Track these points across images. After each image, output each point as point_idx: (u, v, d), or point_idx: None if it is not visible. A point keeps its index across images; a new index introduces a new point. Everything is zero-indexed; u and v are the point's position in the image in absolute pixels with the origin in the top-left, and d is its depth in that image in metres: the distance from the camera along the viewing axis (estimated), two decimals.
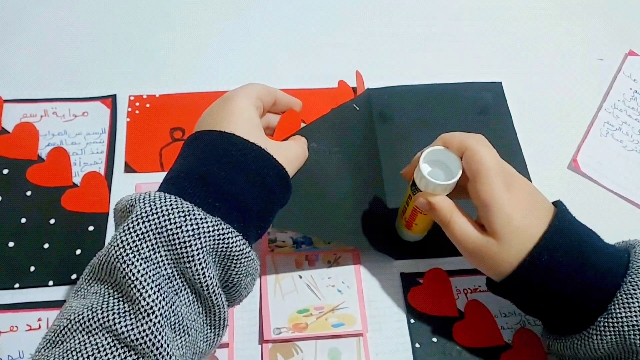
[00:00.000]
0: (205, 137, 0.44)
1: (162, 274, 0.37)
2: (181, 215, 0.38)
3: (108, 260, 0.37)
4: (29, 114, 0.62)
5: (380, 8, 0.75)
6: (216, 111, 0.45)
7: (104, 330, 0.35)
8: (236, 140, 0.43)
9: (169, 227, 0.37)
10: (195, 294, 0.39)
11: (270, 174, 0.43)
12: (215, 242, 0.39)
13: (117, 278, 0.37)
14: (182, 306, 0.38)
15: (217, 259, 0.40)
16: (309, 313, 0.53)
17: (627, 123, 0.64)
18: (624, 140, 0.64)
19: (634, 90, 0.68)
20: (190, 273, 0.38)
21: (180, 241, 0.37)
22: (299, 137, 0.51)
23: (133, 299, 0.36)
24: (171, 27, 0.71)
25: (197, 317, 0.40)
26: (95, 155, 0.60)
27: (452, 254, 0.56)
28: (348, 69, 0.66)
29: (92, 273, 0.39)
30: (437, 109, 0.66)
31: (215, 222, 0.39)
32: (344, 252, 0.56)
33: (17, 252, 0.55)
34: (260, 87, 0.48)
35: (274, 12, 0.74)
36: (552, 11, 0.72)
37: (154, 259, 0.37)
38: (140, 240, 0.37)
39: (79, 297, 0.38)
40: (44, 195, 0.58)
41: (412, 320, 0.53)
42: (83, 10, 0.72)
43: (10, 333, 0.51)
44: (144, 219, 0.37)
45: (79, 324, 0.36)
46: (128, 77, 0.66)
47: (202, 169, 0.41)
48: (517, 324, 0.53)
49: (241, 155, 0.42)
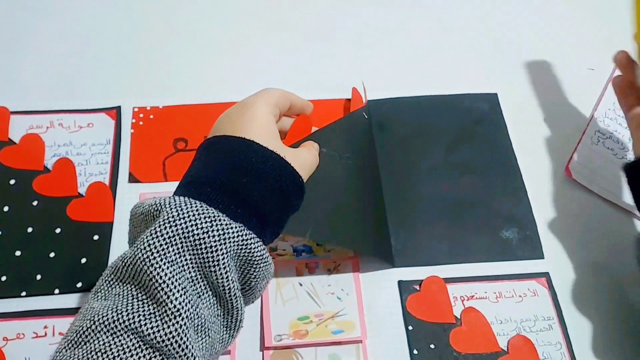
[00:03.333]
0: (225, 142, 0.45)
1: (186, 277, 0.38)
2: (208, 220, 0.39)
3: (134, 262, 0.38)
4: (35, 125, 0.64)
5: (377, 21, 0.76)
6: (235, 117, 0.46)
7: (129, 332, 0.36)
8: (257, 147, 0.44)
9: (195, 232, 0.38)
10: (216, 297, 0.40)
11: (287, 182, 0.44)
12: (238, 247, 0.40)
13: (142, 280, 0.37)
14: (204, 308, 0.39)
15: (239, 263, 0.41)
16: (309, 320, 0.54)
17: (618, 131, 0.65)
18: (615, 148, 0.65)
19: None
20: (214, 277, 0.39)
21: (206, 246, 0.38)
22: (310, 144, 0.52)
23: (159, 301, 0.37)
24: (175, 39, 0.73)
25: (216, 319, 0.41)
26: (100, 165, 0.62)
27: (449, 262, 0.58)
28: (347, 81, 0.67)
29: (114, 274, 0.39)
30: (433, 120, 0.67)
31: (239, 228, 0.40)
32: (344, 260, 0.57)
33: (23, 261, 0.56)
34: (277, 92, 0.49)
35: (277, 25, 0.75)
36: (546, 23, 0.73)
37: (179, 262, 0.38)
38: (167, 244, 0.38)
39: (99, 299, 0.39)
40: (50, 205, 0.59)
41: (410, 327, 0.54)
42: (88, 24, 0.73)
43: (17, 340, 0.52)
44: (171, 223, 0.38)
45: (103, 325, 0.36)
46: (132, 89, 0.68)
47: (224, 176, 0.42)
48: (512, 331, 0.54)
49: (261, 163, 0.43)
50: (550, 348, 0.54)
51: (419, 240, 0.59)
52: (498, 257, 0.59)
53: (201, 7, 0.76)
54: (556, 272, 0.58)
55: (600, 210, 0.62)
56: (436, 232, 0.60)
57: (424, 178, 0.63)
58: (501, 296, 0.56)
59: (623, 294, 0.57)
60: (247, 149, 0.43)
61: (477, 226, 0.60)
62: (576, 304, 0.56)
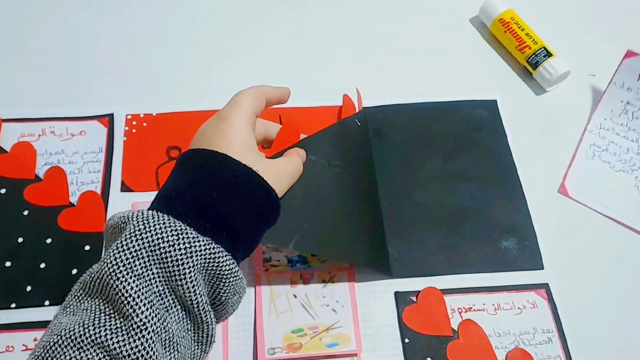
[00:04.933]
0: (199, 156, 0.44)
1: (154, 291, 0.38)
2: (174, 234, 0.38)
3: (100, 277, 0.38)
4: (26, 133, 0.63)
5: (374, 26, 0.75)
6: (210, 131, 0.46)
7: (95, 347, 0.36)
8: (229, 161, 0.43)
9: (161, 245, 0.38)
10: (185, 310, 0.40)
11: (260, 197, 0.44)
12: (206, 260, 0.39)
13: (109, 294, 0.37)
14: (172, 323, 0.39)
15: (207, 277, 0.40)
16: (303, 333, 0.53)
17: (615, 142, 0.63)
18: (612, 161, 0.63)
19: (625, 102, 0.66)
20: (181, 290, 0.39)
21: (172, 259, 0.38)
22: (293, 151, 0.51)
23: (125, 315, 0.36)
24: (168, 45, 0.72)
25: (186, 333, 0.40)
26: (92, 174, 0.61)
27: (447, 272, 0.57)
28: (342, 87, 0.66)
29: (82, 290, 0.39)
30: (431, 127, 0.66)
31: (206, 242, 0.39)
32: (339, 271, 0.56)
33: (13, 272, 0.55)
34: (250, 98, 0.48)
35: (272, 31, 0.74)
36: (546, 28, 0.72)
37: (146, 276, 0.38)
38: (134, 258, 0.37)
39: (67, 314, 0.39)
40: (41, 215, 0.58)
41: (406, 340, 0.53)
42: (80, 30, 0.73)
43: (7, 353, 0.51)
44: (137, 236, 0.38)
45: (70, 340, 0.36)
46: (125, 96, 0.67)
47: (194, 190, 0.42)
48: (511, 344, 0.53)
49: (233, 177, 0.43)
50: None
51: (416, 249, 0.58)
52: (497, 268, 0.58)
53: (194, 14, 0.75)
54: (556, 284, 0.57)
55: (600, 220, 0.61)
56: (434, 241, 0.59)
57: (421, 186, 0.62)
58: (500, 308, 0.55)
59: (624, 307, 0.56)
60: (218, 163, 0.43)
61: (475, 236, 0.59)
62: (576, 317, 0.55)
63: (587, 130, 0.63)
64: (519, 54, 0.70)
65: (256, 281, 0.55)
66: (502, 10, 0.72)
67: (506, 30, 0.71)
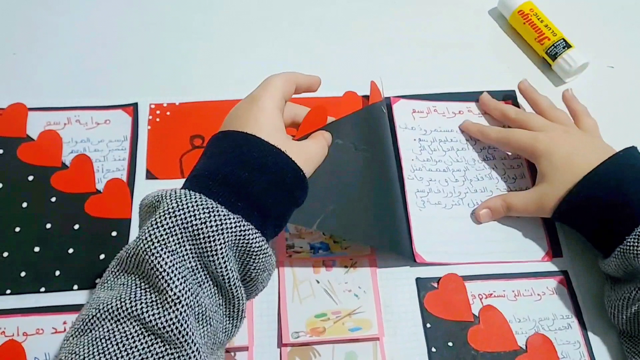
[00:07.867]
0: (229, 136, 0.46)
1: (187, 267, 0.39)
2: (206, 211, 0.40)
3: (136, 252, 0.39)
4: (52, 122, 0.64)
5: (393, 18, 0.76)
6: (242, 112, 0.48)
7: (132, 319, 0.37)
8: (259, 142, 0.45)
9: (194, 223, 0.39)
10: (217, 286, 0.41)
11: (289, 176, 0.45)
12: (236, 237, 0.41)
13: (145, 270, 0.39)
14: (205, 297, 0.40)
15: (238, 254, 0.42)
16: (326, 317, 0.54)
17: (433, 179, 0.61)
18: (441, 200, 0.60)
19: (417, 140, 0.63)
20: (213, 266, 0.40)
21: (204, 236, 0.39)
22: (319, 134, 0.53)
23: (160, 290, 0.38)
24: (192, 36, 0.73)
25: (218, 308, 0.42)
26: (117, 162, 0.62)
27: (470, 260, 0.58)
28: (362, 77, 0.67)
29: (119, 265, 0.41)
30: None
31: (237, 219, 0.41)
32: (361, 258, 0.57)
33: (42, 257, 0.56)
34: (281, 82, 0.50)
35: (294, 22, 0.75)
36: (564, 19, 0.72)
37: (179, 252, 0.39)
38: (168, 234, 0.39)
39: (106, 289, 0.40)
40: (68, 202, 0.59)
41: (427, 325, 0.54)
42: (105, 21, 0.74)
43: (37, 335, 0.52)
44: (170, 214, 0.39)
45: (108, 313, 0.38)
46: (149, 86, 0.68)
47: (226, 169, 0.43)
48: (531, 329, 0.54)
49: (263, 157, 0.44)
50: (569, 347, 0.53)
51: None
52: (517, 255, 0.58)
53: (217, 5, 0.76)
54: (575, 271, 0.57)
55: None
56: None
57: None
58: (520, 294, 0.56)
59: None
60: (249, 144, 0.45)
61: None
62: (595, 303, 0.56)
63: (405, 177, 0.61)
64: (538, 46, 0.71)
65: (279, 267, 0.56)
66: (521, 2, 0.73)
67: (525, 21, 0.72)
